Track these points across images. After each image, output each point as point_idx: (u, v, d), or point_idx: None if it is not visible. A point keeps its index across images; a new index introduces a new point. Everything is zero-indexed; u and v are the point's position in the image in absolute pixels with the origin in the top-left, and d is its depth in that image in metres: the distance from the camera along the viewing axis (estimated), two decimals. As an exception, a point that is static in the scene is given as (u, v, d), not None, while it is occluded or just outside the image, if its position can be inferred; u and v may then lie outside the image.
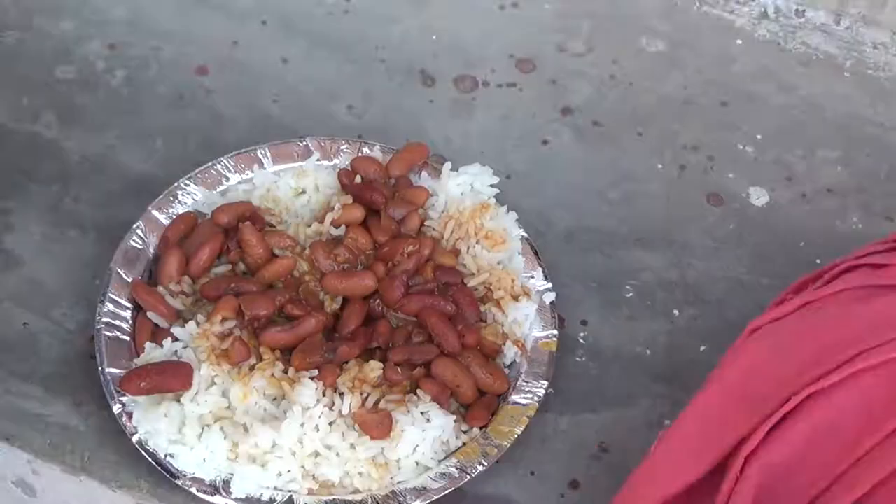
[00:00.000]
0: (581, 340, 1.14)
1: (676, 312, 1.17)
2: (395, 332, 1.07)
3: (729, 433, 0.83)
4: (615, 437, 1.07)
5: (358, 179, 1.16)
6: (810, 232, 1.24)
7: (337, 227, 1.12)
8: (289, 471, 0.99)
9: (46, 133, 1.27)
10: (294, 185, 1.17)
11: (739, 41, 1.42)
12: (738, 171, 1.29)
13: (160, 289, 1.08)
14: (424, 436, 1.00)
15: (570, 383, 1.10)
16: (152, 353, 1.03)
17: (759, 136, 1.33)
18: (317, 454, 0.99)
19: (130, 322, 1.07)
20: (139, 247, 1.12)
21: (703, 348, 1.14)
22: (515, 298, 1.10)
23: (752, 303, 1.17)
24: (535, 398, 1.05)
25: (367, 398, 1.01)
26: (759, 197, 1.27)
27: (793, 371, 0.84)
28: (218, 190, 1.17)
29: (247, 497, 0.98)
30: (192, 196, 1.16)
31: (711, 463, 0.84)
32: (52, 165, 1.24)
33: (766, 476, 0.80)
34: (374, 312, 1.08)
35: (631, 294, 1.18)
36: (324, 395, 1.01)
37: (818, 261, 1.21)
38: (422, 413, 1.01)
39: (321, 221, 1.13)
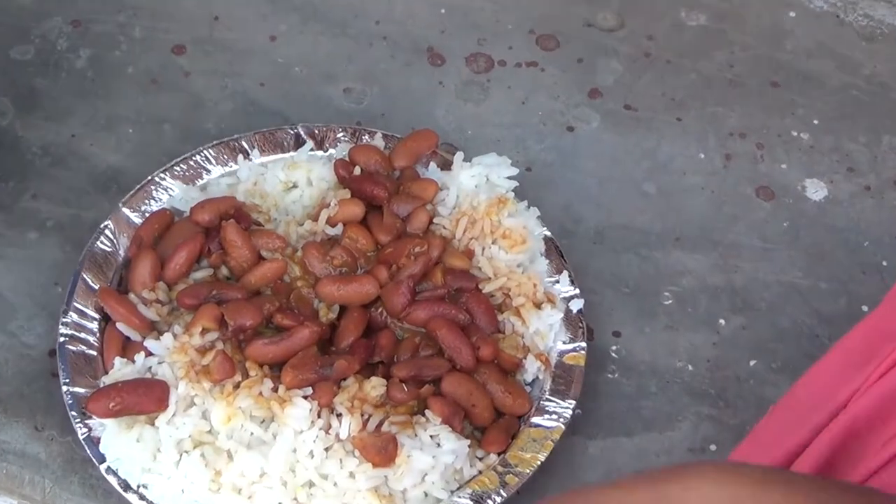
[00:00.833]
0: (613, 354, 1.14)
1: (722, 322, 1.17)
2: (400, 345, 1.07)
3: (839, 392, 0.86)
4: (653, 464, 1.07)
5: (357, 171, 1.16)
6: (875, 229, 1.25)
7: (333, 225, 1.13)
8: (279, 503, 0.99)
9: (1, 121, 1.28)
10: (284, 179, 1.17)
11: (793, 13, 1.43)
12: (791, 160, 1.30)
13: (131, 297, 1.08)
14: (434, 463, 1.00)
15: (600, 403, 1.11)
16: (123, 369, 1.04)
17: (815, 122, 1.33)
18: (311, 484, 0.99)
19: (98, 335, 1.08)
20: (108, 249, 1.13)
21: (752, 362, 1.14)
22: (538, 306, 1.10)
23: (809, 310, 1.17)
24: (562, 420, 1.05)
25: (368, 420, 1.01)
26: (815, 190, 1.28)
27: None
28: (197, 184, 1.18)
29: (231, 533, 0.98)
30: (167, 191, 1.17)
31: (818, 425, 0.86)
32: (8, 158, 1.25)
33: (850, 427, 0.83)
34: (376, 322, 1.09)
35: (670, 301, 1.18)
36: (319, 417, 1.01)
37: (884, 262, 1.21)
38: (431, 437, 1.01)
39: (315, 219, 1.13)
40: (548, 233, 1.16)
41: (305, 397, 1.01)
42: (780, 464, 0.88)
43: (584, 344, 1.10)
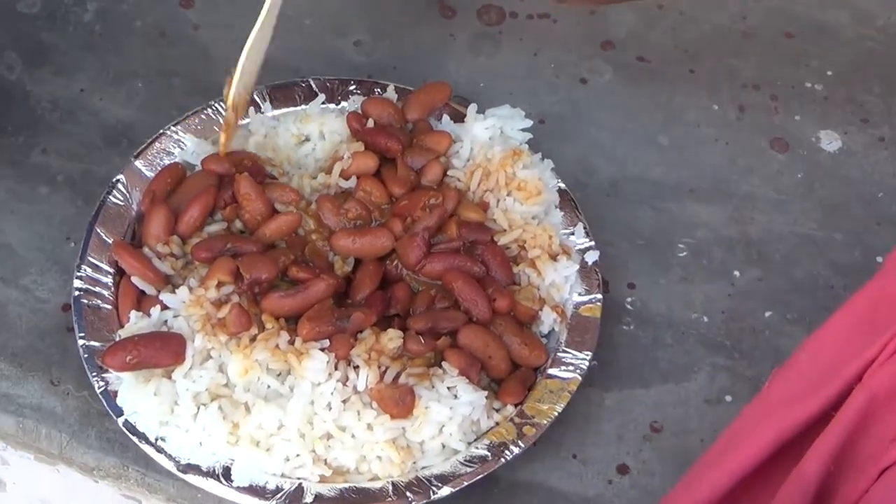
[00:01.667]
0: (628, 306, 1.15)
1: (737, 273, 1.18)
2: (416, 298, 1.08)
3: (850, 362, 0.86)
4: (669, 415, 1.09)
5: (370, 124, 1.16)
6: (889, 181, 1.25)
7: (347, 178, 1.13)
8: (297, 455, 1.00)
9: (9, 76, 1.28)
10: (296, 132, 1.18)
11: (806, -37, 1.43)
12: (805, 112, 1.30)
13: (146, 250, 1.09)
14: (451, 414, 1.01)
15: (616, 355, 1.12)
16: (138, 323, 1.04)
17: (829, 73, 1.34)
18: (329, 436, 1.00)
19: (112, 289, 1.09)
20: (120, 203, 1.13)
21: (767, 314, 1.15)
22: (553, 258, 1.11)
23: (824, 261, 1.18)
24: (578, 371, 1.06)
25: (385, 372, 1.02)
26: (830, 142, 1.28)
27: None
28: (210, 138, 1.18)
29: (250, 485, 0.99)
30: (179, 145, 1.18)
31: (830, 397, 0.87)
32: (17, 113, 1.25)
33: (869, 405, 0.84)
34: (392, 275, 1.09)
35: (685, 253, 1.19)
36: (336, 369, 1.02)
37: (899, 213, 1.22)
38: (448, 388, 1.02)
39: (328, 172, 1.14)
40: (562, 185, 1.17)
41: (322, 350, 1.02)
42: (791, 433, 0.88)
43: (599, 296, 1.11)
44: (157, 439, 1.01)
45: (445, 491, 1.00)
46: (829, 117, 1.30)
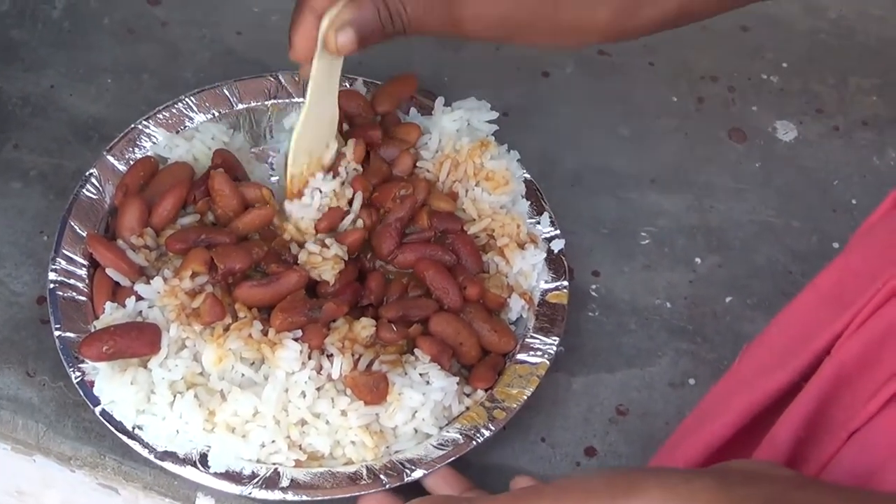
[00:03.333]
0: (593, 293, 1.17)
1: (698, 260, 1.20)
2: (389, 287, 1.09)
3: (819, 335, 0.88)
4: (634, 398, 1.10)
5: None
6: (844, 169, 1.27)
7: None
8: (273, 441, 1.00)
9: (-22, 73, 1.28)
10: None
11: (760, -42, 1.45)
12: (762, 103, 1.32)
13: (120, 243, 1.09)
14: (424, 400, 1.02)
15: (582, 340, 1.13)
16: (114, 313, 1.05)
17: (784, 64, 1.36)
18: (303, 423, 1.01)
19: (87, 281, 1.09)
20: (94, 197, 1.14)
21: (728, 299, 1.17)
22: (521, 246, 1.12)
23: (782, 248, 1.20)
24: (546, 356, 1.08)
25: (359, 360, 1.03)
26: (786, 132, 1.30)
27: (885, 265, 0.88)
28: (180, 133, 1.19)
29: (227, 471, 1.00)
30: (151, 139, 1.18)
31: (799, 368, 0.89)
32: (-13, 109, 1.25)
33: (838, 374, 0.86)
34: (364, 266, 1.10)
35: (647, 241, 1.21)
36: (309, 359, 1.02)
37: (854, 201, 1.24)
38: (420, 375, 1.03)
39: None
40: (528, 175, 1.18)
41: (296, 340, 1.02)
42: (762, 404, 0.90)
43: (565, 282, 1.12)
44: (134, 428, 1.01)
45: (419, 473, 1.01)
46: (784, 108, 1.32)
